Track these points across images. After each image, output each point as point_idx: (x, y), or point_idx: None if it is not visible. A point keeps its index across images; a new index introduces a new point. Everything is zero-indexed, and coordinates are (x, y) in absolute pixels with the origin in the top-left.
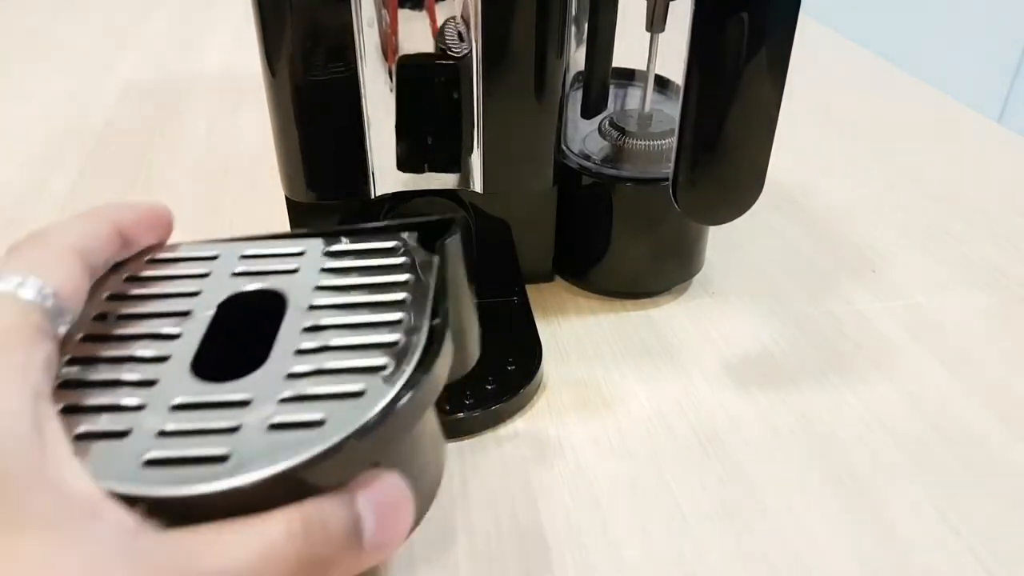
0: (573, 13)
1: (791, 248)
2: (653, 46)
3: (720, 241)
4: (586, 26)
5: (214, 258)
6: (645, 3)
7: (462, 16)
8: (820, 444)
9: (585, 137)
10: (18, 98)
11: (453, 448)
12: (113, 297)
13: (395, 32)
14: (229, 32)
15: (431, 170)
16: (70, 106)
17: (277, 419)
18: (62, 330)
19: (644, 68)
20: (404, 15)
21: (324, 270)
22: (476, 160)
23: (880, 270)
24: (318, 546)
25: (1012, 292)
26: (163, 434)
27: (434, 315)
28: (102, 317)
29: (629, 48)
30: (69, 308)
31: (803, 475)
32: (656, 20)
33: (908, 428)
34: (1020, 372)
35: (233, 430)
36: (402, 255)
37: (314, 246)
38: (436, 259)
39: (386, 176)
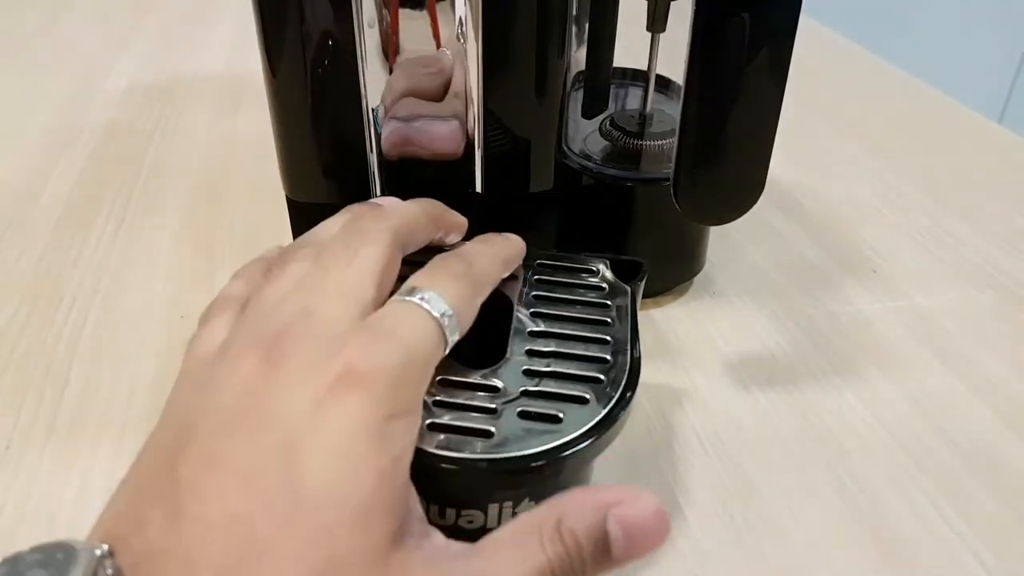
0: (574, 13)
1: (791, 248)
2: (654, 46)
3: (721, 241)
4: (587, 26)
5: None
6: (646, 3)
7: (463, 16)
8: (820, 444)
9: (586, 137)
10: (18, 98)
11: None
12: None
13: (396, 32)
14: (229, 32)
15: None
16: (70, 106)
17: (523, 409)
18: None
19: (645, 68)
20: (405, 15)
21: (539, 281)
22: (476, 161)
23: (880, 270)
24: (574, 561)
25: (1012, 292)
26: (437, 404)
27: (633, 347)
28: None
29: (630, 48)
30: (463, 333)
31: (803, 475)
32: (657, 20)
33: (909, 428)
34: (1021, 372)
35: (493, 411)
36: (599, 279)
37: (530, 253)
38: (630, 290)
39: (386, 176)
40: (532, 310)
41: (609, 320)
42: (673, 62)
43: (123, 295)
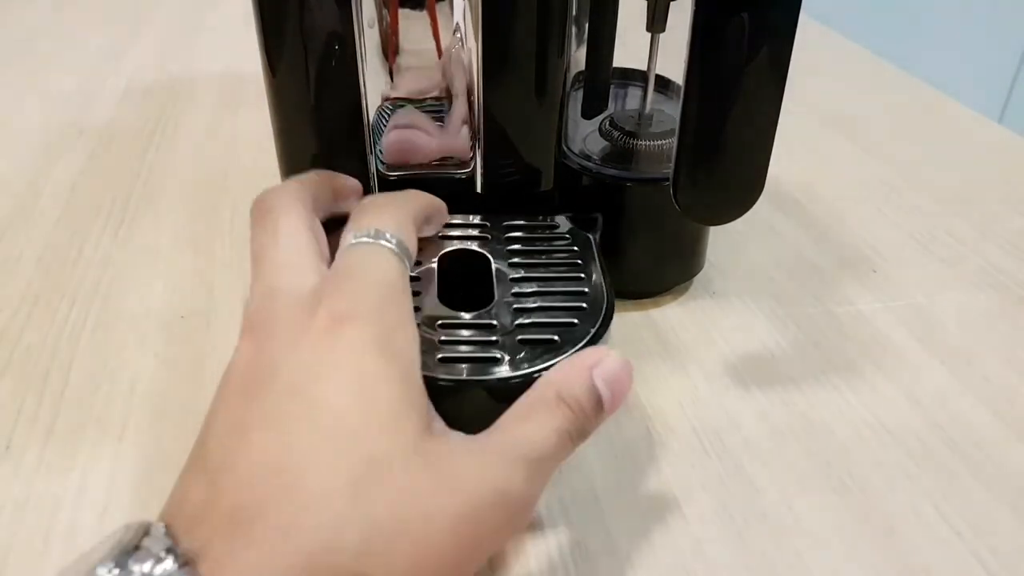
0: (573, 13)
1: (791, 248)
2: (654, 46)
3: (721, 241)
4: (587, 26)
5: None
6: (646, 3)
7: (462, 16)
8: (820, 444)
9: (586, 137)
10: (19, 98)
11: None
12: None
13: (395, 32)
14: (230, 32)
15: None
16: (71, 106)
17: (523, 337)
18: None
19: (645, 68)
20: (404, 15)
21: (510, 238)
22: (476, 161)
23: (881, 270)
24: (580, 422)
25: (1012, 292)
26: (443, 342)
27: (604, 279)
28: None
29: (630, 48)
30: (413, 257)
31: (803, 475)
32: (656, 20)
33: (908, 428)
34: (1020, 372)
35: (495, 342)
36: (563, 233)
37: (495, 222)
38: (591, 237)
39: (386, 176)
40: (510, 261)
41: (579, 262)
42: (673, 62)
43: (123, 295)
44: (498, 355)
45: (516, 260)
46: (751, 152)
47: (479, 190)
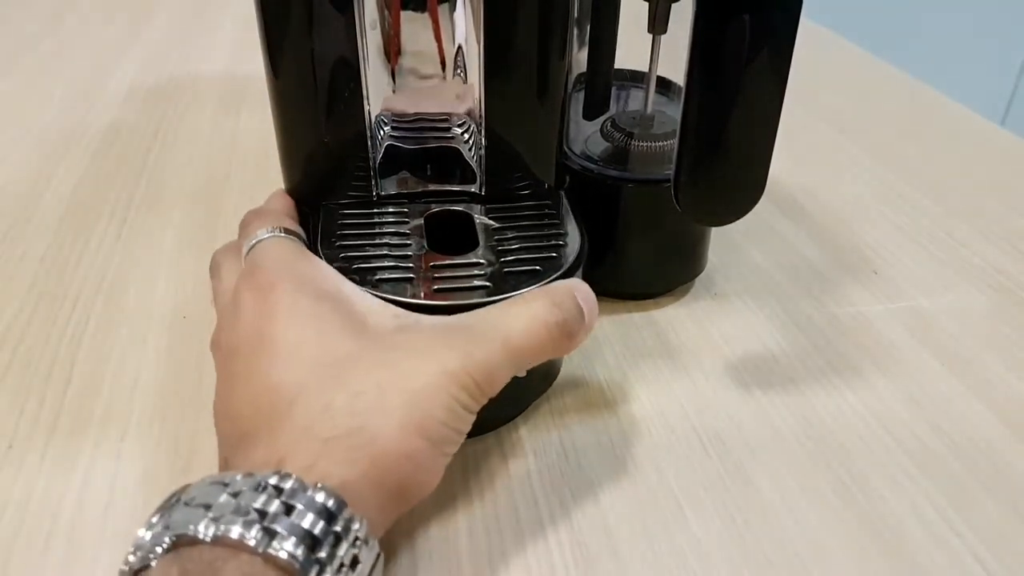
0: (575, 15)
1: (792, 249)
2: (655, 47)
3: (722, 242)
4: (588, 28)
5: (406, 202)
6: (647, 5)
7: (464, 18)
8: (821, 444)
9: (587, 138)
10: (21, 99)
11: None
12: (345, 224)
13: (397, 34)
14: (232, 33)
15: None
16: (73, 107)
17: (508, 269)
18: None
19: (646, 70)
20: (406, 17)
21: (490, 201)
22: (478, 162)
23: (881, 271)
24: (564, 316)
25: (1012, 292)
26: (435, 278)
27: (579, 225)
28: (344, 236)
29: (631, 50)
30: (302, 235)
31: (804, 475)
32: (658, 21)
33: (909, 429)
34: (1021, 372)
35: (483, 275)
36: (535, 192)
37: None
38: (562, 193)
39: (389, 177)
40: (491, 216)
41: (554, 212)
42: (674, 63)
43: (125, 295)
44: (488, 284)
45: (497, 215)
46: (752, 153)
47: (480, 191)
